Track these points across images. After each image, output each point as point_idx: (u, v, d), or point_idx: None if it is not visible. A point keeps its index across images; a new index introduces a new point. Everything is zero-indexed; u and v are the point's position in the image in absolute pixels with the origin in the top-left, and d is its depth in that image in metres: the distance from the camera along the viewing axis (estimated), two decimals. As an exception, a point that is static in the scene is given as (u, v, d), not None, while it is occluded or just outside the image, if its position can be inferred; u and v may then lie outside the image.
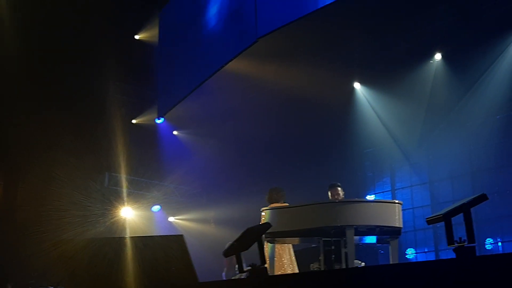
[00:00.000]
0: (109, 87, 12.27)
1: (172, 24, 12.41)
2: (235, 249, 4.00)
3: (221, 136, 13.71)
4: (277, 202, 8.77)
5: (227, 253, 4.10)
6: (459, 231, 3.47)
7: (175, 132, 14.46)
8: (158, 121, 13.68)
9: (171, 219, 14.66)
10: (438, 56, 12.05)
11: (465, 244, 3.25)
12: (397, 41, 11.67)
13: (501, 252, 11.77)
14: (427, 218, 3.50)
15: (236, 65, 11.05)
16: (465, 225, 3.26)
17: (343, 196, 8.50)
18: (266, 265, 4.03)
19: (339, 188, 8.55)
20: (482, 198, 3.33)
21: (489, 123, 11.90)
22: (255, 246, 4.12)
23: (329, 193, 8.57)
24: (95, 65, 11.58)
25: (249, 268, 4.00)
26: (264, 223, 4.36)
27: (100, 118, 11.99)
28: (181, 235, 5.28)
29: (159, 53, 12.87)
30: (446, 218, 3.30)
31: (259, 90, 12.48)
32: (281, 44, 10.99)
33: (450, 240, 3.32)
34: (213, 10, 11.00)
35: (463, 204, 3.31)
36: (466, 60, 11.56)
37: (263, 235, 7.93)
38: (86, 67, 11.71)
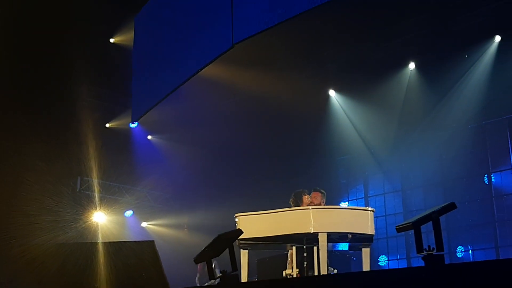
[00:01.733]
0: (82, 91, 12.12)
1: (148, 28, 12.34)
2: (205, 256, 3.98)
3: (195, 142, 13.66)
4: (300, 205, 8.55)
5: (197, 259, 4.07)
6: (431, 239, 3.50)
7: (149, 137, 14.37)
8: (132, 126, 13.57)
9: (144, 224, 14.54)
10: (412, 66, 12.20)
11: (434, 252, 3.27)
12: (372, 50, 11.78)
13: (471, 260, 11.92)
14: (396, 226, 3.53)
15: (212, 71, 11.03)
16: (434, 233, 3.29)
17: (324, 202, 8.46)
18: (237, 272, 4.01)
19: (320, 194, 8.52)
20: (451, 206, 3.37)
21: (460, 132, 12.07)
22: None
23: (307, 198, 8.54)
24: (68, 68, 11.43)
25: (220, 275, 3.98)
26: (235, 229, 4.34)
27: (72, 121, 11.84)
28: (152, 241, 5.25)
29: (134, 57, 12.79)
30: (415, 226, 3.32)
31: (235, 96, 12.48)
32: (257, 51, 11.01)
33: (419, 248, 3.34)
34: (189, 15, 10.96)
35: (432, 212, 3.34)
36: (439, 70, 11.73)
37: (236, 242, 7.97)
38: (57, 70, 11.55)
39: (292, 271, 8.09)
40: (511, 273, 3.11)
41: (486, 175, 12.01)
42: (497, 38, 11.16)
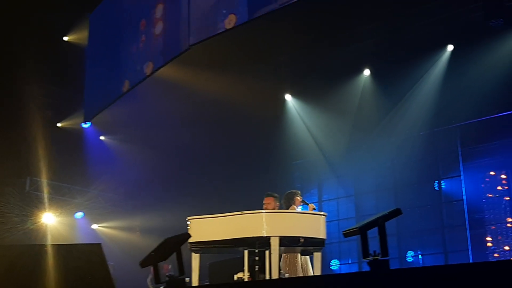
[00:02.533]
0: (33, 89, 11.84)
1: (102, 27, 12.15)
2: (152, 260, 3.91)
3: (149, 143, 13.50)
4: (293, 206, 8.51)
5: (143, 263, 4.00)
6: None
7: (102, 137, 14.15)
8: (84, 126, 13.34)
9: (94, 226, 14.29)
10: (366, 72, 12.36)
11: (379, 257, 3.29)
12: (327, 56, 11.89)
13: (421, 264, 12.12)
14: (343, 231, 3.54)
15: (167, 72, 10.94)
16: (379, 238, 3.31)
17: (278, 205, 8.47)
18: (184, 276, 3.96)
19: (273, 198, 8.53)
20: (396, 212, 3.40)
21: (412, 139, 12.27)
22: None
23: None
24: (18, 65, 11.15)
25: (167, 279, 3.91)
26: (183, 233, 4.28)
27: (21, 120, 11.55)
28: (99, 244, 5.14)
29: (87, 56, 12.58)
30: (362, 231, 3.34)
31: (190, 98, 12.41)
32: (214, 53, 10.98)
33: (365, 253, 3.36)
34: (144, 16, 10.84)
35: (378, 218, 3.36)
36: (393, 77, 11.91)
37: (188, 245, 7.88)
38: (7, 67, 11.26)
39: (243, 275, 8.07)
40: (453, 278, 3.16)
41: (436, 182, 12.24)
42: (450, 47, 11.41)
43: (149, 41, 10.53)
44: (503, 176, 11.79)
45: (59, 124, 13.76)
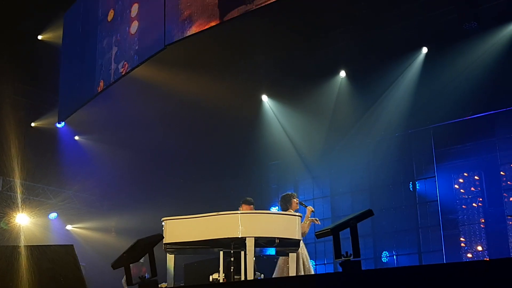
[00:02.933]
0: (6, 88, 11.68)
1: (77, 26, 12.04)
2: (124, 261, 3.88)
3: (125, 143, 13.40)
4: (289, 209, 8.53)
5: (115, 264, 3.96)
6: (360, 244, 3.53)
7: (76, 137, 14.01)
8: (59, 125, 13.19)
9: (69, 227, 14.14)
10: (342, 74, 12.43)
11: (351, 258, 3.31)
12: (304, 57, 11.92)
13: (396, 264, 12.22)
14: (316, 232, 3.55)
15: (143, 72, 10.87)
16: (351, 239, 3.33)
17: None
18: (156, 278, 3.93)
19: (252, 206, 8.55)
20: (368, 213, 3.42)
21: (387, 140, 12.38)
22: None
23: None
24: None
25: (139, 281, 3.89)
26: (155, 234, 4.25)
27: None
28: (72, 245, 5.11)
29: (62, 55, 12.44)
30: (334, 232, 3.35)
31: (165, 98, 12.34)
32: (190, 54, 10.94)
33: (338, 254, 3.37)
34: (120, 15, 10.77)
35: (350, 219, 3.38)
36: (369, 79, 12.01)
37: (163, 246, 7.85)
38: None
39: (218, 276, 8.06)
40: (425, 278, 3.19)
41: (411, 183, 12.35)
42: (424, 50, 11.52)
43: (124, 40, 10.46)
44: (476, 178, 11.95)
45: (33, 124, 13.59)
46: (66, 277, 5.03)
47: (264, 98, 13.43)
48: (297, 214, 8.06)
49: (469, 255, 11.62)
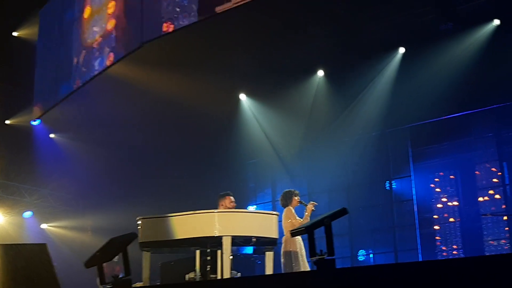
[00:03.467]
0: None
1: (52, 23, 11.91)
2: (97, 260, 3.83)
3: (101, 142, 13.26)
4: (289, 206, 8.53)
5: (88, 263, 3.92)
6: (337, 242, 3.53)
7: (52, 135, 13.84)
8: (34, 123, 13.04)
9: (44, 226, 13.97)
10: (320, 73, 12.45)
11: (326, 256, 3.31)
12: (282, 56, 11.91)
13: (372, 263, 12.29)
14: (290, 231, 3.54)
15: (119, 70, 10.78)
16: (326, 238, 3.33)
17: (235, 206, 8.44)
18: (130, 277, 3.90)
19: (230, 198, 8.49)
20: (342, 212, 3.42)
21: (365, 139, 12.42)
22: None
23: (220, 205, 8.48)
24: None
25: (112, 280, 3.85)
26: (129, 233, 4.22)
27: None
28: (45, 244, 5.05)
29: (38, 52, 12.29)
30: (308, 231, 3.35)
31: (143, 96, 12.24)
32: (167, 51, 10.88)
33: (312, 253, 3.38)
34: (97, 12, 10.67)
35: (324, 217, 3.38)
36: (346, 78, 12.04)
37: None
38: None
39: (195, 275, 8.03)
40: (397, 277, 3.20)
41: (387, 182, 12.42)
42: (401, 50, 11.60)
43: (101, 38, 10.36)
44: (451, 177, 12.07)
45: (7, 121, 13.43)
46: (39, 276, 4.98)
47: (242, 97, 13.41)
48: (274, 212, 8.07)
49: (445, 254, 11.74)
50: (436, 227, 11.97)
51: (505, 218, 10.91)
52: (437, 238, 11.94)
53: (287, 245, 8.35)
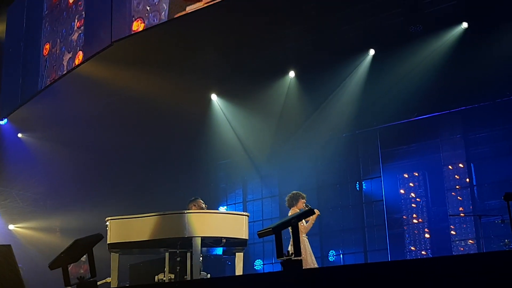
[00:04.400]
0: None
1: (20, 21, 11.69)
2: (61, 261, 3.77)
3: (69, 142, 13.07)
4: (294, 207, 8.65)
5: (52, 265, 3.86)
6: (315, 242, 3.54)
7: (19, 135, 13.62)
8: (1, 122, 12.82)
9: (11, 227, 13.74)
10: (292, 74, 12.48)
11: (292, 257, 3.31)
12: (253, 56, 11.90)
13: (342, 263, 12.35)
14: (258, 232, 3.54)
15: (89, 69, 10.64)
16: (292, 238, 3.33)
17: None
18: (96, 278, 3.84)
19: (200, 200, 8.47)
20: (308, 212, 3.43)
21: (335, 140, 12.49)
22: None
23: (192, 206, 8.43)
24: None
25: (77, 281, 3.79)
26: (94, 234, 4.16)
27: None
28: (9, 245, 4.96)
29: (5, 50, 12.07)
30: (275, 231, 3.35)
31: (112, 96, 12.12)
32: (137, 51, 10.78)
33: (279, 253, 3.37)
34: (65, 10, 10.51)
35: (291, 218, 3.38)
36: (317, 79, 12.08)
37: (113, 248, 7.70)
38: None
39: (164, 276, 7.97)
40: (363, 276, 3.22)
41: (357, 182, 12.52)
42: (371, 52, 11.68)
43: (69, 36, 10.22)
44: (420, 177, 12.22)
45: (-27, 121, 13.16)
46: (4, 278, 4.90)
47: (214, 97, 13.36)
48: (244, 213, 8.06)
49: (413, 254, 11.86)
50: (405, 228, 12.10)
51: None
52: (406, 236, 12.07)
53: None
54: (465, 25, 10.63)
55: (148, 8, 9.05)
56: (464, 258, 3.54)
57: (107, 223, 7.84)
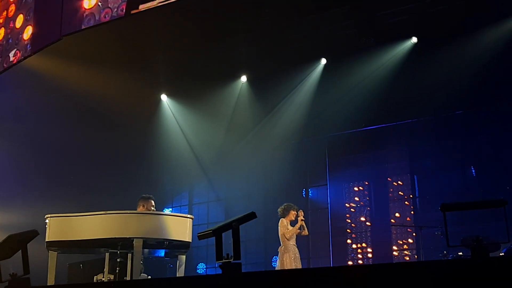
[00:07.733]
0: None
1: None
2: (-7, 257, 3.64)
3: (12, 136, 12.64)
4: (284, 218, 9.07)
5: (-17, 261, 3.72)
6: (253, 247, 3.52)
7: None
8: None
9: None
10: (243, 79, 12.49)
11: (232, 260, 3.28)
12: (206, 58, 11.84)
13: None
14: (198, 234, 3.50)
15: (35, 62, 10.37)
16: (233, 242, 3.31)
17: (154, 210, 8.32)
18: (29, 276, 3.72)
19: (152, 202, 8.38)
20: (251, 216, 3.41)
21: (284, 147, 12.57)
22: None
23: (141, 206, 8.31)
24: None
25: (9, 278, 3.66)
26: (30, 230, 4.04)
27: None
28: None
29: None
30: (215, 234, 3.32)
31: (59, 91, 11.81)
32: (88, 46, 10.56)
33: (219, 256, 3.34)
34: (13, 1, 10.23)
35: (233, 221, 3.36)
36: (269, 85, 12.14)
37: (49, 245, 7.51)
38: None
39: (103, 277, 7.84)
40: (302, 282, 3.22)
41: (304, 189, 12.60)
42: (323, 61, 11.81)
43: (17, 28, 9.93)
44: (365, 187, 12.40)
45: None
46: None
47: (164, 97, 13.23)
48: (188, 216, 8.01)
49: (355, 261, 12.03)
50: (349, 235, 12.25)
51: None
52: (349, 245, 12.22)
53: (281, 252, 9.05)
54: (414, 39, 10.88)
55: (100, 4, 8.89)
56: (402, 266, 3.59)
57: (47, 220, 7.66)
